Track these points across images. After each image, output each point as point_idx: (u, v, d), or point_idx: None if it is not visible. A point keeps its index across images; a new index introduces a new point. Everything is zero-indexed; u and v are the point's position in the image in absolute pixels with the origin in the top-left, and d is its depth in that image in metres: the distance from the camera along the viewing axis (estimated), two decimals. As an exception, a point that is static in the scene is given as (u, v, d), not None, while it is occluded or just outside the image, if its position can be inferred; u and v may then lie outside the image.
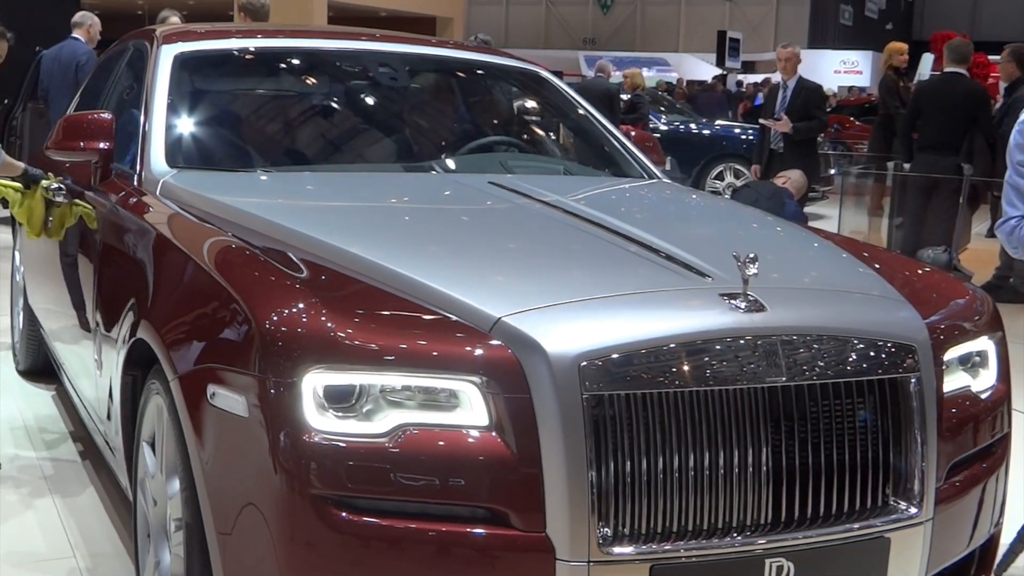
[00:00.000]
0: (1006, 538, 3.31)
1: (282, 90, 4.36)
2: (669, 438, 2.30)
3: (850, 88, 30.97)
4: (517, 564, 2.24)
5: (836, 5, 39.25)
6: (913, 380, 2.54)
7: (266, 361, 2.26)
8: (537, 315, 2.34)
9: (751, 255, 2.47)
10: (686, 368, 2.33)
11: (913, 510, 2.52)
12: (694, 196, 3.94)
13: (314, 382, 2.22)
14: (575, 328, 2.32)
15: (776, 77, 9.52)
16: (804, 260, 3.08)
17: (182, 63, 3.86)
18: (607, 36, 41.13)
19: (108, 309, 3.31)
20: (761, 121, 9.69)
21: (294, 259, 2.65)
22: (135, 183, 3.51)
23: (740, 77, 29.88)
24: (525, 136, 4.55)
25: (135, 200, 3.43)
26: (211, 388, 2.39)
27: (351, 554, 2.23)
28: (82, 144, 3.63)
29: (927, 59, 17.73)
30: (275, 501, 2.25)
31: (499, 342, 2.29)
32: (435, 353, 2.27)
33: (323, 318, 2.30)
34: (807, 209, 9.52)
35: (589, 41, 40.65)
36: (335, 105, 4.30)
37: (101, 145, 3.64)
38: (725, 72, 29.07)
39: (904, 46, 10.94)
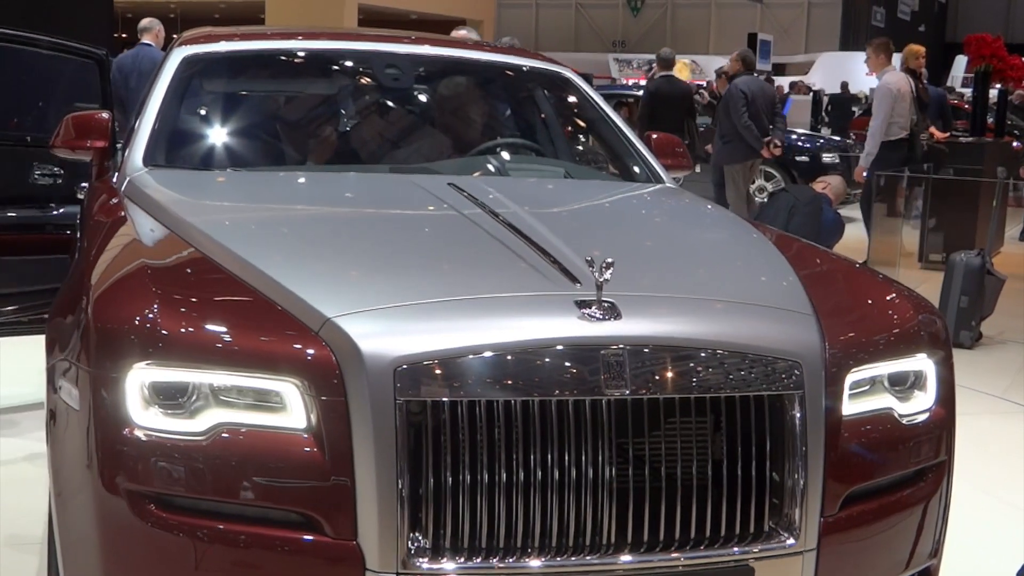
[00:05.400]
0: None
1: (276, 91, 4.34)
2: (495, 449, 2.20)
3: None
4: (327, 572, 2.20)
5: (868, 6, 39.00)
6: (795, 398, 2.35)
7: (95, 356, 2.26)
8: (365, 317, 2.27)
9: (608, 260, 2.34)
10: (514, 376, 2.22)
11: (790, 540, 2.35)
12: (671, 203, 3.67)
13: (140, 378, 2.20)
14: (399, 331, 2.24)
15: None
16: (707, 268, 2.88)
17: (187, 65, 3.90)
18: (637, 38, 41.05)
19: None
20: None
21: (176, 256, 2.66)
22: (113, 180, 3.57)
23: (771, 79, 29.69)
24: (534, 138, 4.39)
25: (103, 197, 3.49)
26: (58, 381, 2.42)
27: (163, 552, 2.20)
28: (83, 143, 3.79)
29: (960, 61, 17.62)
30: (94, 495, 2.24)
31: (323, 343, 2.23)
32: (257, 353, 2.23)
33: (154, 315, 2.27)
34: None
35: (619, 44, 40.60)
36: (328, 106, 4.27)
37: (98, 143, 3.79)
38: (756, 75, 28.94)
39: (921, 49, 10.88)
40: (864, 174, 9.17)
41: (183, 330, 2.26)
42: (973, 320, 7.29)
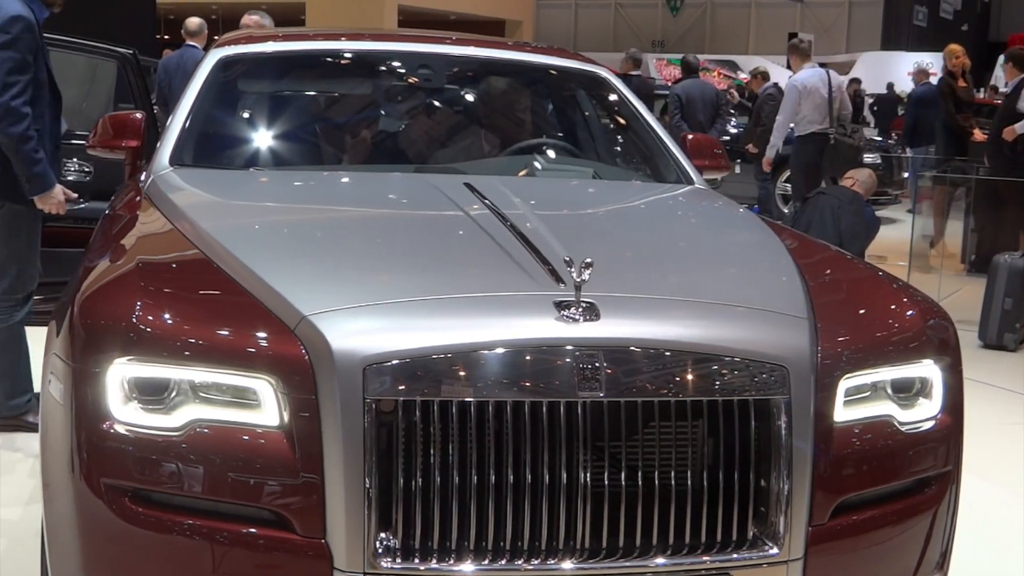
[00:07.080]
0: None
1: (306, 92, 4.36)
2: (466, 450, 2.19)
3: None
4: (295, 569, 2.21)
5: (910, 6, 38.59)
6: (781, 404, 2.30)
7: (78, 351, 2.31)
8: (340, 315, 2.28)
9: (587, 260, 2.31)
10: (486, 377, 2.20)
11: (773, 549, 2.29)
12: (693, 205, 3.63)
13: (121, 373, 2.24)
14: (371, 330, 2.24)
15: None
16: (703, 271, 2.83)
17: (222, 66, 3.94)
18: (676, 38, 40.87)
19: None
20: None
21: (174, 253, 2.70)
22: (141, 179, 3.61)
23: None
24: (566, 138, 4.38)
25: (127, 196, 3.54)
26: (48, 375, 2.47)
27: (138, 545, 2.23)
28: (117, 142, 3.89)
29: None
30: (74, 488, 2.28)
31: (298, 341, 2.25)
32: (234, 350, 2.25)
33: (137, 312, 2.31)
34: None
35: (658, 44, 40.43)
36: (356, 107, 4.28)
37: (131, 143, 3.89)
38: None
39: (958, 48, 10.86)
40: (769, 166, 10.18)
41: (164, 326, 2.29)
42: (1017, 323, 7.20)
